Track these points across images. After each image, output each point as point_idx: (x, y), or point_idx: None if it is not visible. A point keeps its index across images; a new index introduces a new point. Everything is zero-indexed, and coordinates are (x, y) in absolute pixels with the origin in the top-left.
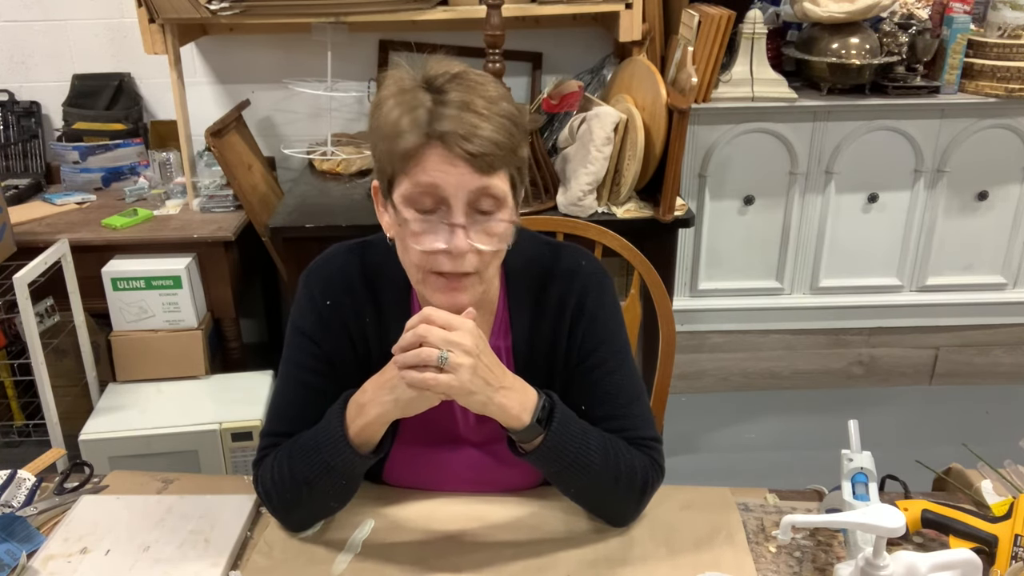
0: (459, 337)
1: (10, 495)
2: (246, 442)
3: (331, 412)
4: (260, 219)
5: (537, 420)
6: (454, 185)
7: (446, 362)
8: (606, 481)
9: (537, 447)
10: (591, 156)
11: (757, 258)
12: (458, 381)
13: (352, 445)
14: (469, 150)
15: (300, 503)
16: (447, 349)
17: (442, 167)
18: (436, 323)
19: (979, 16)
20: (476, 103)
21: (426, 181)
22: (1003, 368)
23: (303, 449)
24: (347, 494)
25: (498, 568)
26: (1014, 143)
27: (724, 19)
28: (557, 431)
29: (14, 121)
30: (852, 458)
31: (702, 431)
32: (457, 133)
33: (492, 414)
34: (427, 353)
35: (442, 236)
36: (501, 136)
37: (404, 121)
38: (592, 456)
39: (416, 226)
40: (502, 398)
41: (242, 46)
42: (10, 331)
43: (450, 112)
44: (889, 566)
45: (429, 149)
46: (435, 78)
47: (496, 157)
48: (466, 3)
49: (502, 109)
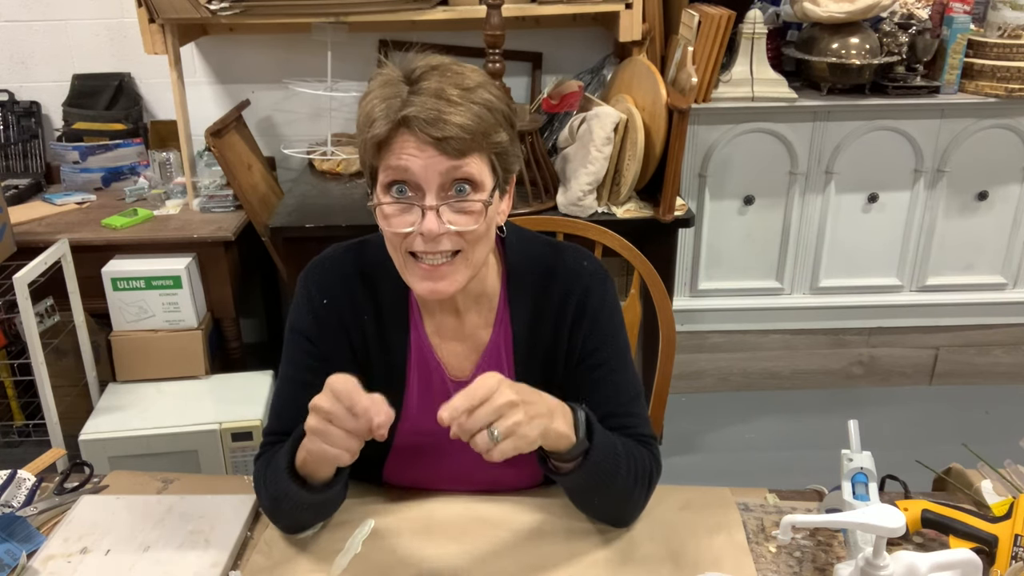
0: (496, 399)
1: (10, 495)
2: (246, 442)
3: (294, 436)
4: (260, 219)
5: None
6: (423, 167)
7: (498, 437)
8: (628, 484)
9: (582, 461)
10: (591, 156)
11: (757, 258)
12: (523, 440)
13: (296, 476)
14: (433, 134)
15: (279, 515)
16: (491, 425)
17: (411, 151)
18: (461, 409)
19: (979, 16)
20: (448, 91)
21: (396, 164)
22: (1003, 368)
23: (272, 466)
24: (319, 514)
25: (498, 568)
26: (1014, 143)
27: (724, 19)
28: (599, 442)
29: (14, 121)
30: (852, 458)
31: (702, 431)
32: (421, 118)
33: (550, 443)
34: (481, 441)
35: (416, 218)
36: (470, 121)
37: (378, 110)
38: (620, 461)
39: (389, 208)
40: (557, 424)
41: (242, 46)
42: (10, 331)
43: (420, 99)
44: (889, 566)
45: (398, 135)
46: (415, 70)
47: (463, 141)
48: (466, 3)
49: (478, 96)
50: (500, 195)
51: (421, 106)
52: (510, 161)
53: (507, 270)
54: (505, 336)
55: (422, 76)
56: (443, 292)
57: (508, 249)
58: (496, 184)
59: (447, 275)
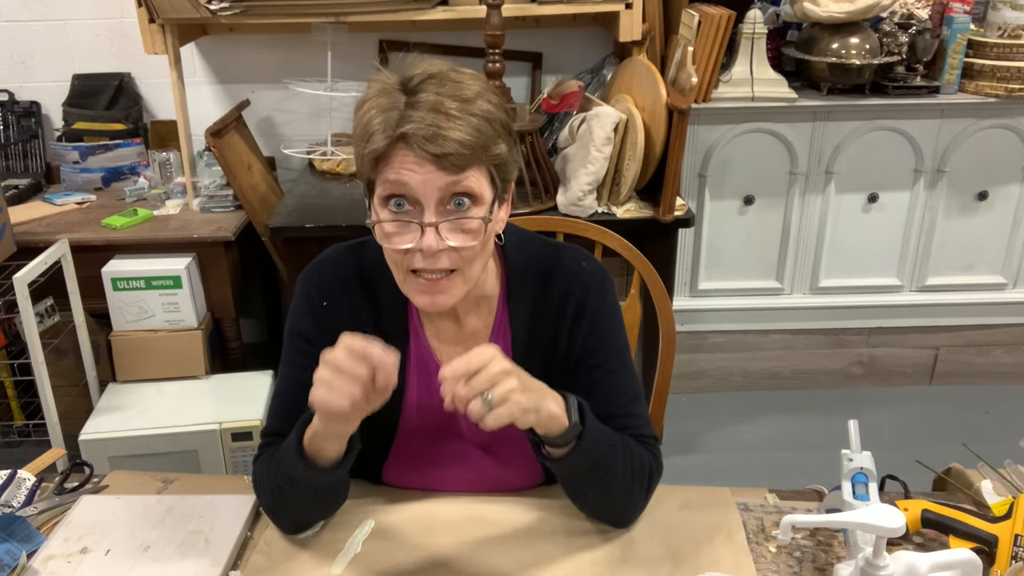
0: (491, 367)
1: (10, 495)
2: (246, 442)
3: (302, 419)
4: (260, 219)
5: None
6: (422, 183)
7: (492, 402)
8: (625, 479)
9: (575, 446)
10: (591, 156)
11: (757, 258)
12: (517, 406)
13: (303, 455)
14: (432, 151)
15: (281, 509)
16: (486, 393)
17: (410, 167)
18: (460, 372)
19: (979, 16)
20: (446, 104)
21: (394, 179)
22: (1003, 368)
23: (278, 456)
24: (322, 505)
25: (498, 568)
26: (1014, 143)
27: (724, 19)
28: (591, 427)
29: (14, 121)
30: (852, 458)
31: (702, 431)
32: (419, 135)
33: (542, 423)
34: (475, 408)
35: (414, 235)
36: (468, 136)
37: (375, 123)
38: (617, 452)
39: (389, 226)
40: (548, 403)
41: (242, 46)
42: (10, 331)
43: (418, 114)
44: (889, 566)
45: (396, 150)
46: (411, 79)
47: (462, 156)
48: (466, 3)
49: (476, 108)
50: (499, 204)
51: (420, 122)
52: (509, 171)
53: (506, 272)
54: (505, 338)
55: (419, 86)
56: (443, 305)
57: (507, 251)
58: (495, 196)
59: (446, 289)
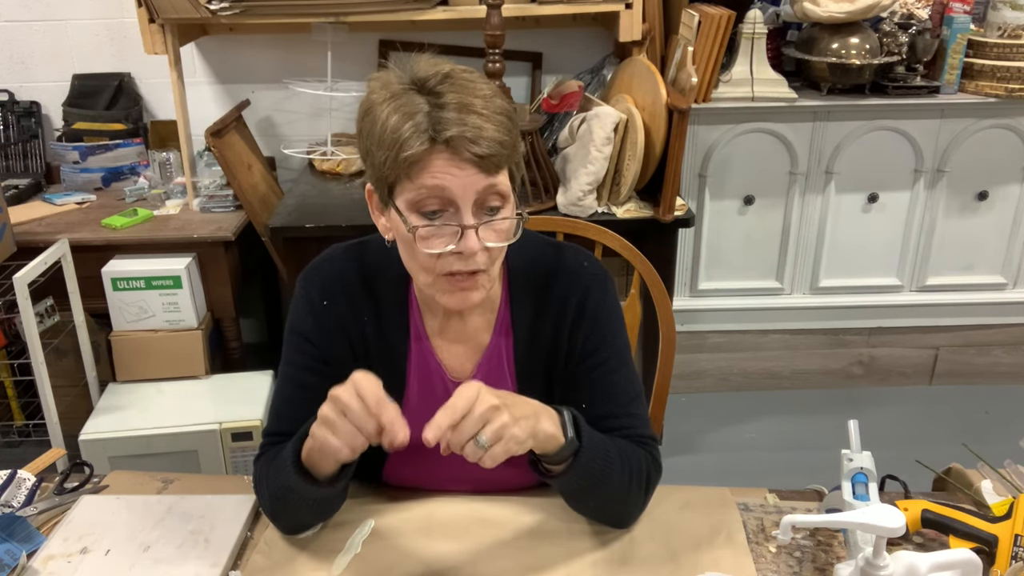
0: (478, 407)
1: (10, 495)
2: (246, 442)
3: (300, 432)
4: (260, 219)
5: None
6: (462, 187)
7: (486, 443)
8: (623, 485)
9: (572, 461)
10: (591, 156)
11: (757, 258)
12: (513, 441)
13: (301, 468)
14: (477, 152)
15: (280, 513)
16: (478, 433)
17: (449, 170)
18: (444, 425)
19: (979, 16)
20: (474, 103)
21: (433, 184)
22: (1003, 368)
23: (276, 464)
24: (321, 512)
25: (498, 568)
26: (1014, 143)
27: (724, 19)
28: (588, 442)
29: (14, 121)
30: (852, 458)
31: (702, 431)
32: (464, 137)
33: (539, 445)
34: (471, 452)
35: (452, 238)
36: (503, 135)
37: (406, 127)
38: (613, 461)
39: (425, 231)
40: (544, 424)
41: (242, 46)
42: (10, 331)
43: (450, 115)
44: (889, 566)
45: (435, 154)
46: (426, 79)
47: (501, 156)
48: (466, 3)
49: (498, 106)
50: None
51: (461, 124)
52: (520, 167)
53: (508, 271)
54: (506, 337)
55: (438, 87)
56: (473, 302)
57: (509, 250)
58: (515, 192)
59: (475, 287)
